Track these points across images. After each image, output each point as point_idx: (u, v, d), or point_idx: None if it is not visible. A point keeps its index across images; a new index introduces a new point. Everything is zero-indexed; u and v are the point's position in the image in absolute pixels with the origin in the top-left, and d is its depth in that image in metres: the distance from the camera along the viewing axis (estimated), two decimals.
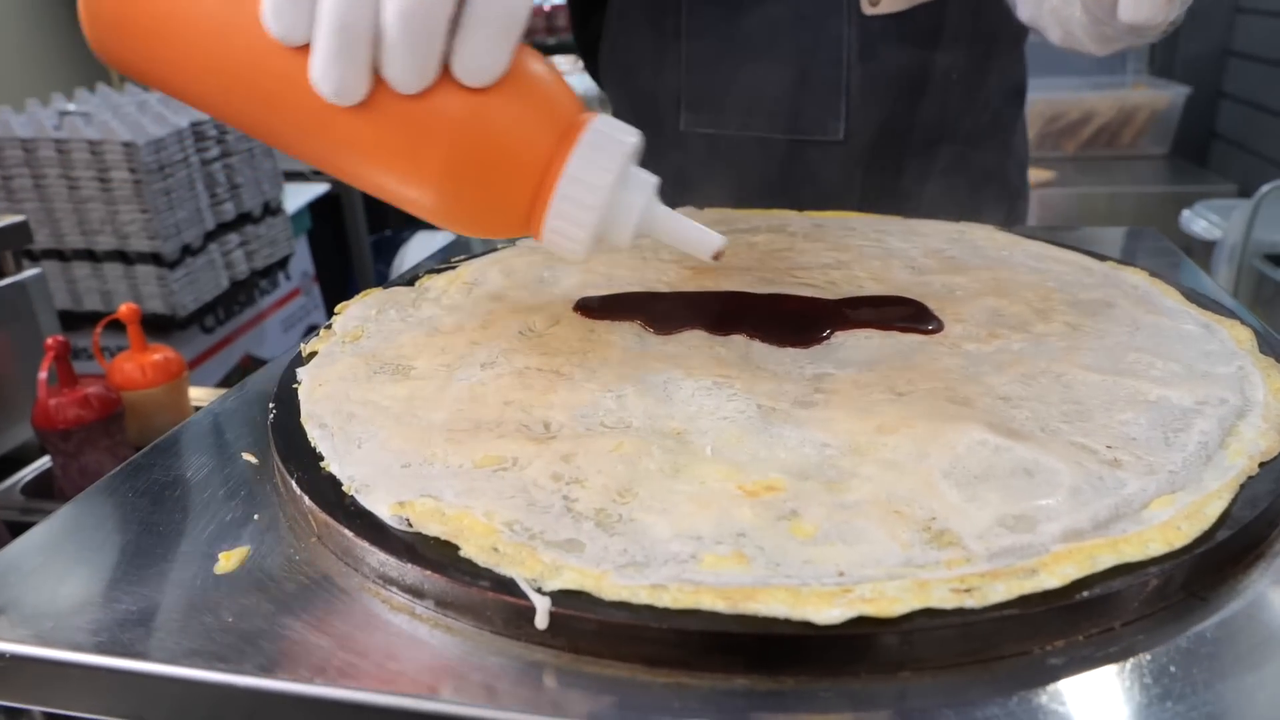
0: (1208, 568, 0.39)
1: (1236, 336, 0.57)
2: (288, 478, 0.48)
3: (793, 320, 0.60)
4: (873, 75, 0.92)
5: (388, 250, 2.83)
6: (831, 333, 0.58)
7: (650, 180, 0.53)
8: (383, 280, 2.68)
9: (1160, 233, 0.94)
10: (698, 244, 0.54)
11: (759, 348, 0.58)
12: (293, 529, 0.47)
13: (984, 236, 0.78)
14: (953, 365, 0.54)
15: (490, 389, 0.54)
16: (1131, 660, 0.35)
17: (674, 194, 0.99)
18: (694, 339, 0.59)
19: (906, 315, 0.60)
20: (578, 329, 0.61)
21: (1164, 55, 2.80)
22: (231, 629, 0.40)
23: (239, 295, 2.13)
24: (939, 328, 0.58)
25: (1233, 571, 0.40)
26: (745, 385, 0.52)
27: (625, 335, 0.60)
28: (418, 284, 0.74)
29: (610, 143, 0.49)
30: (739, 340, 0.58)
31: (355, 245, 2.65)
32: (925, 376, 0.52)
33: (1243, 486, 0.42)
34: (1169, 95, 2.50)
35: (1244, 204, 1.77)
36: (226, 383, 2.11)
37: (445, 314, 0.66)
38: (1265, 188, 1.70)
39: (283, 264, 2.30)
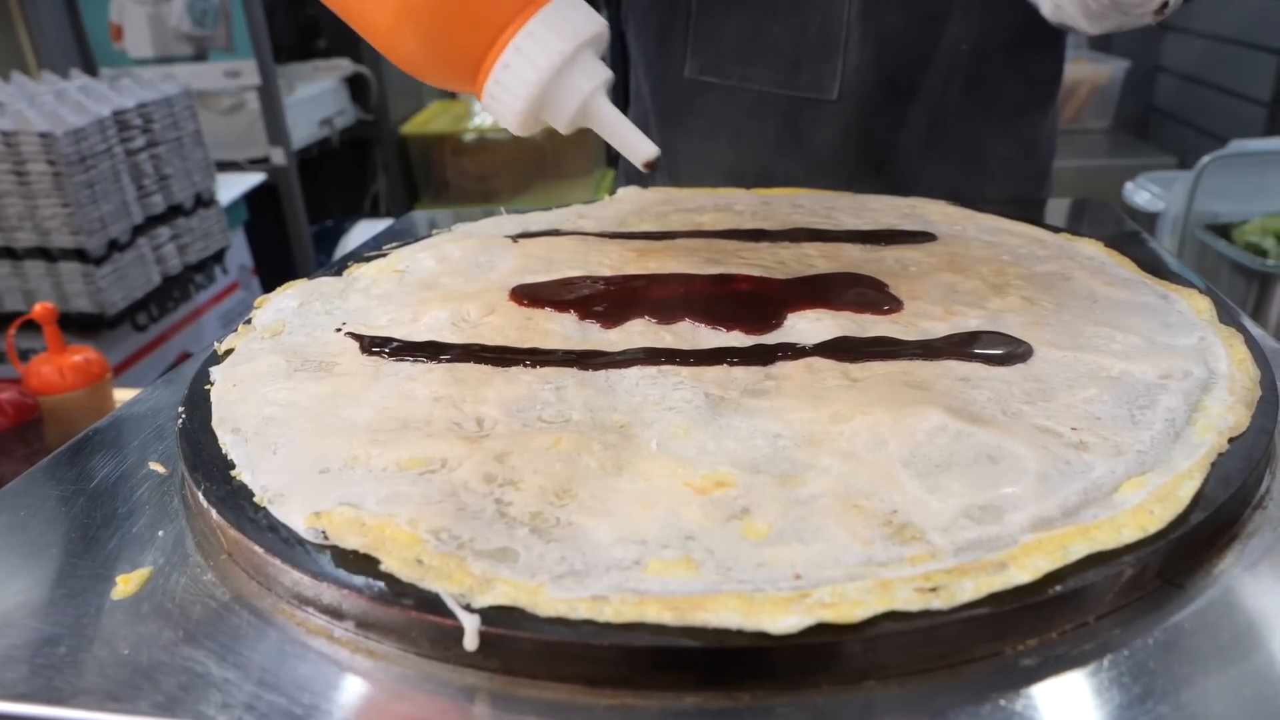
0: (1183, 553, 0.36)
1: (1195, 306, 0.55)
2: (195, 489, 0.44)
3: (742, 303, 0.57)
4: (872, 36, 0.88)
5: (329, 241, 2.74)
6: (783, 316, 0.55)
7: (603, 73, 0.53)
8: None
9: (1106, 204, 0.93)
10: (634, 147, 0.55)
11: (707, 333, 0.54)
12: (201, 546, 0.43)
13: (936, 211, 0.75)
14: (909, 345, 0.51)
15: (419, 384, 0.50)
16: (1109, 657, 0.33)
17: (674, 140, 0.96)
18: (638, 325, 0.56)
19: (862, 294, 0.58)
20: (514, 318, 0.57)
21: None
22: (127, 662, 0.36)
23: (172, 291, 2.05)
24: (896, 306, 0.56)
25: (1207, 556, 0.38)
26: (692, 373, 0.49)
27: (565, 323, 0.56)
28: (346, 273, 0.70)
29: (568, 24, 0.51)
30: (685, 325, 0.55)
31: (295, 236, 2.57)
32: (881, 358, 0.49)
33: (1214, 464, 0.40)
34: (1109, 69, 2.52)
35: (1185, 176, 1.78)
36: None
37: (374, 305, 0.62)
38: (1205, 159, 1.71)
39: (218, 257, 2.21)
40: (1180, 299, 0.57)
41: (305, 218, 2.57)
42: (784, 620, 0.31)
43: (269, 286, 2.34)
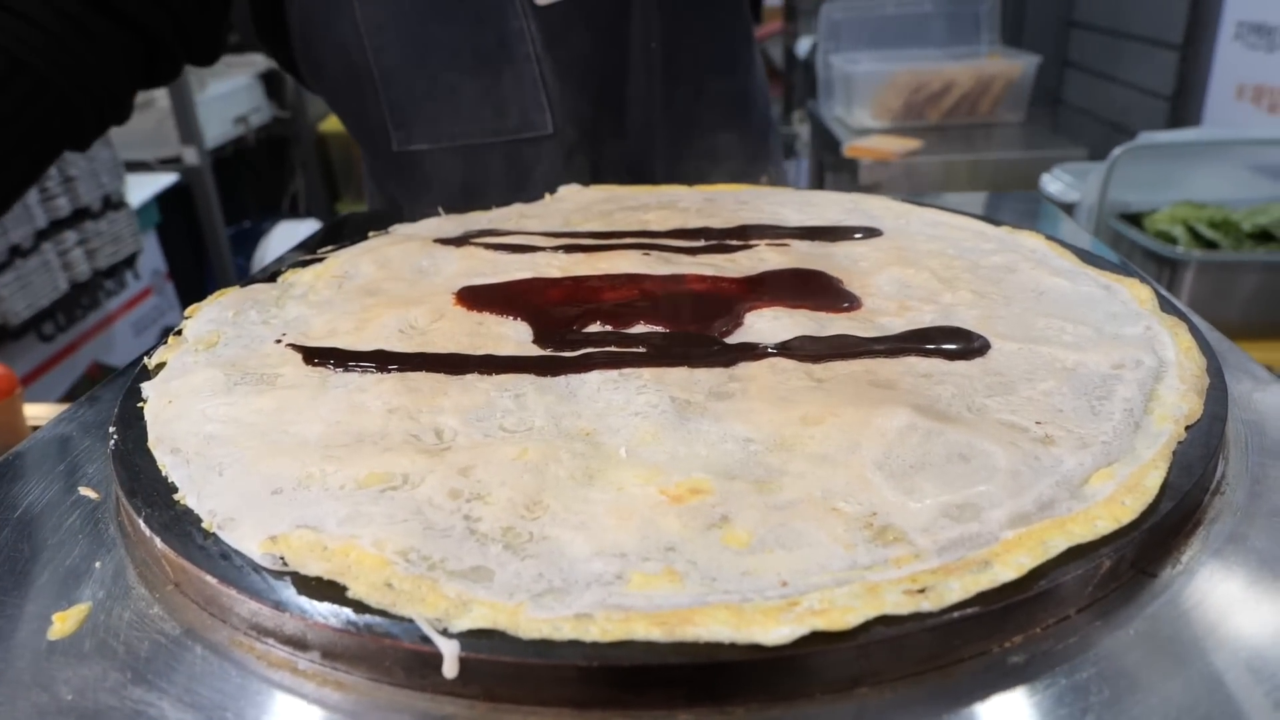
0: (1155, 542, 0.37)
1: (1137, 296, 0.57)
2: (134, 516, 0.41)
3: (699, 303, 0.57)
4: (564, 63, 0.90)
5: (247, 243, 2.65)
6: (741, 316, 0.55)
7: None
8: (244, 276, 2.53)
9: (1021, 193, 0.97)
10: None
11: (665, 334, 0.53)
12: (144, 577, 0.40)
13: (879, 206, 0.76)
14: (870, 343, 0.51)
15: (371, 395, 0.48)
16: (1093, 650, 0.33)
17: (410, 206, 0.93)
18: (594, 327, 0.54)
19: (819, 293, 0.57)
20: (464, 323, 0.55)
21: (1014, 25, 2.90)
22: (71, 709, 0.33)
23: (81, 298, 1.95)
24: (855, 304, 0.56)
25: (1176, 543, 0.38)
26: (654, 375, 0.48)
27: (518, 327, 0.55)
28: (281, 279, 0.66)
29: None
30: (642, 326, 0.54)
31: (211, 239, 2.47)
32: (843, 357, 0.49)
33: (1174, 453, 0.40)
34: (1021, 64, 2.59)
35: (1098, 167, 1.84)
36: (73, 395, 1.93)
37: (314, 313, 0.59)
38: (1117, 151, 1.77)
39: (130, 262, 2.12)
40: (1123, 289, 0.58)
41: (221, 219, 2.48)
42: (776, 631, 0.31)
43: (184, 291, 2.25)
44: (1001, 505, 0.37)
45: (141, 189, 2.17)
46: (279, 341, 0.55)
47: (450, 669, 0.31)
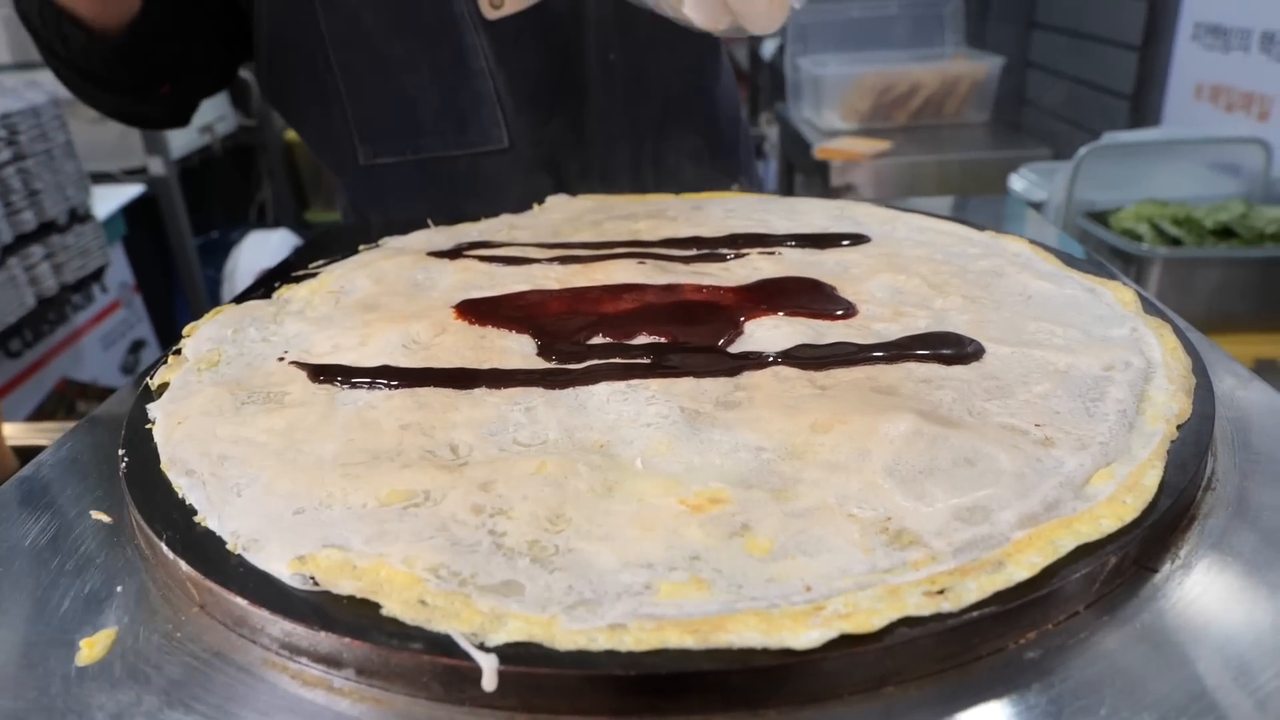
0: (1155, 538, 0.39)
1: (1121, 299, 0.59)
2: (154, 539, 0.41)
3: (699, 313, 0.58)
4: (518, 78, 0.91)
5: (216, 253, 2.62)
6: (742, 324, 0.56)
7: None
8: (213, 286, 2.48)
9: (990, 196, 0.98)
10: None
11: (668, 344, 0.54)
12: (167, 600, 0.40)
13: (864, 212, 0.78)
14: (869, 349, 0.52)
15: (382, 412, 0.48)
16: (1103, 644, 0.34)
17: (375, 218, 0.97)
18: (597, 339, 0.55)
19: (816, 300, 0.59)
20: (467, 337, 0.56)
21: (977, 26, 2.96)
22: None
23: (48, 314, 1.92)
24: (851, 311, 0.57)
25: (1173, 539, 0.40)
26: (662, 386, 0.49)
27: (522, 340, 0.56)
28: (276, 295, 0.67)
29: None
30: (645, 337, 0.55)
31: (179, 250, 2.44)
32: (844, 364, 0.51)
33: (1169, 451, 0.42)
34: (986, 65, 2.63)
35: (1064, 166, 1.88)
36: (42, 413, 1.90)
37: (314, 330, 0.59)
38: (1083, 150, 1.81)
39: (97, 276, 2.08)
40: (1107, 291, 0.60)
41: (189, 230, 2.45)
42: (806, 635, 0.32)
43: (152, 304, 2.22)
44: (1010, 507, 0.38)
45: (107, 201, 2.13)
46: (282, 359, 0.55)
47: (489, 682, 0.32)
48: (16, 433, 1.39)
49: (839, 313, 0.57)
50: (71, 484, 0.51)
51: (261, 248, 2.35)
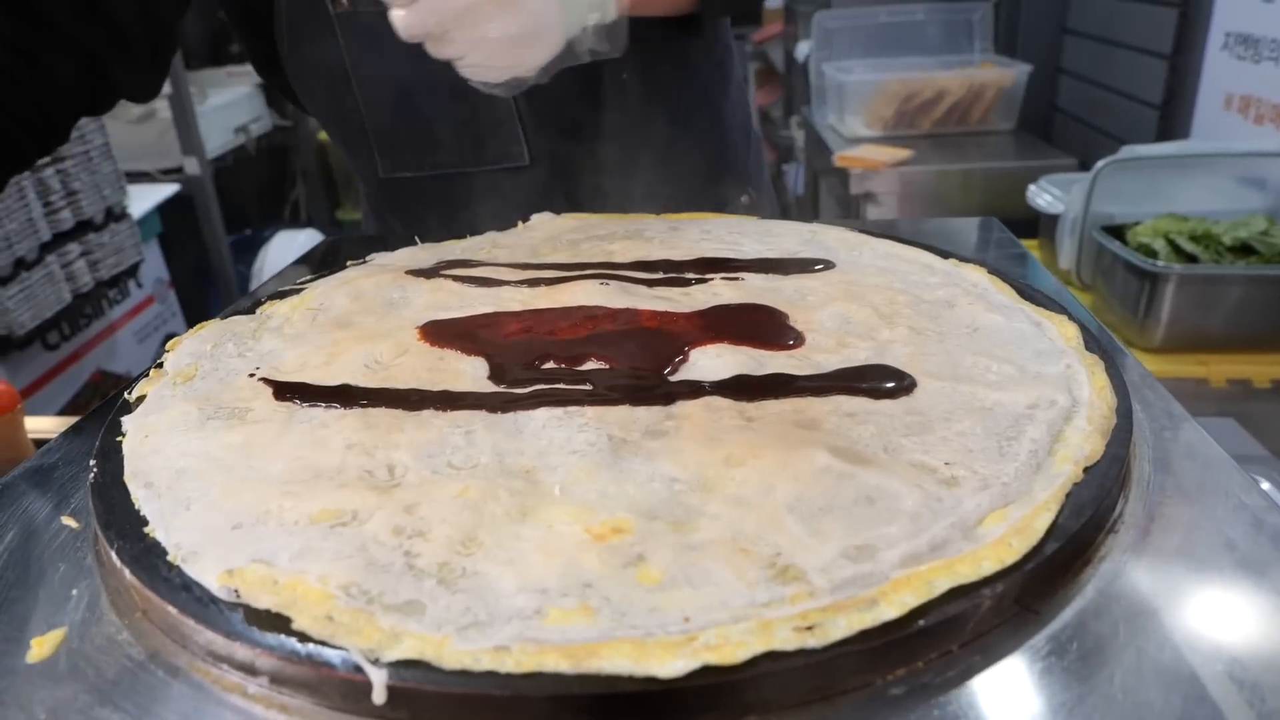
0: (1037, 581, 0.40)
1: (1064, 333, 0.60)
2: (108, 547, 0.44)
3: (647, 341, 0.60)
4: (539, 96, 0.93)
5: (249, 251, 2.69)
6: (687, 352, 0.58)
7: None
8: (245, 283, 2.54)
9: (1009, 212, 0.98)
10: None
11: (613, 371, 0.57)
12: (115, 605, 0.43)
13: (835, 237, 0.79)
14: (802, 381, 0.54)
15: (332, 431, 0.51)
16: (970, 684, 0.36)
17: (396, 228, 1.00)
18: (548, 366, 0.58)
19: (764, 330, 0.60)
20: (426, 359, 0.59)
21: (1007, 33, 2.93)
22: None
23: (84, 308, 1.99)
24: (799, 341, 0.59)
25: (1064, 580, 0.41)
26: (597, 413, 0.51)
27: (476, 364, 0.58)
28: (260, 311, 0.70)
29: None
30: (592, 364, 0.57)
31: (212, 247, 2.51)
32: (776, 396, 0.52)
33: (1069, 494, 0.43)
34: (1014, 72, 2.61)
35: (1083, 178, 1.86)
36: (77, 403, 1.97)
37: (287, 347, 0.62)
38: (1101, 163, 1.79)
39: (132, 272, 2.16)
40: (1051, 325, 0.61)
41: (222, 228, 2.52)
42: (672, 664, 0.34)
43: (186, 299, 2.28)
44: (897, 546, 0.40)
45: (143, 199, 2.21)
46: (252, 375, 0.59)
47: (379, 696, 0.35)
48: (46, 426, 1.45)
49: (787, 342, 0.59)
50: (59, 484, 0.55)
51: (288, 247, 2.41)
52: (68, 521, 0.51)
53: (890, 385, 0.53)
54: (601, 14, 0.74)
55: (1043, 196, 1.94)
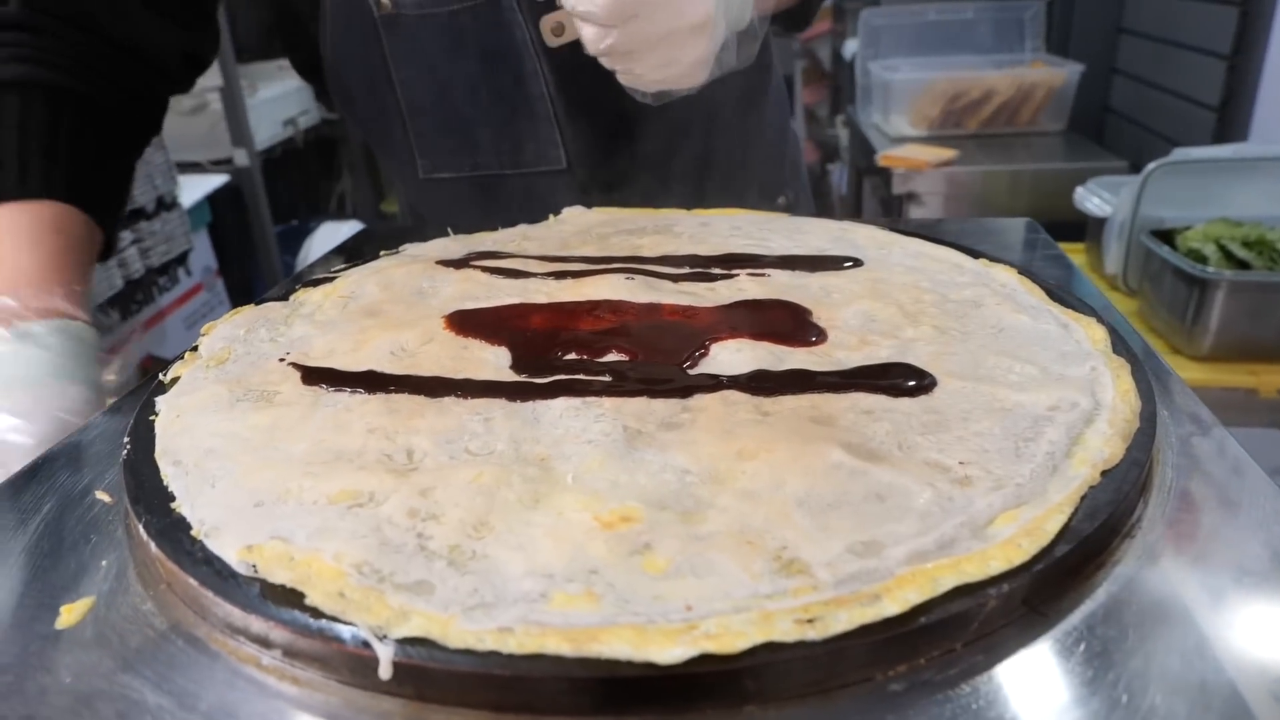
0: (1046, 583, 0.40)
1: (1092, 336, 0.59)
2: (136, 521, 0.46)
3: (669, 334, 0.60)
4: (578, 101, 0.94)
5: (295, 241, 2.75)
6: (708, 346, 0.58)
7: None
8: (289, 272, 2.61)
9: (1056, 215, 0.96)
10: None
11: (634, 363, 0.57)
12: (141, 576, 0.45)
13: (864, 235, 0.79)
14: (821, 378, 0.54)
15: (355, 415, 0.53)
16: (971, 682, 0.36)
17: (433, 228, 0.99)
18: (570, 356, 0.58)
19: (787, 326, 0.60)
20: (450, 347, 0.60)
21: (1060, 32, 2.87)
22: (68, 690, 0.38)
23: (135, 295, 2.05)
24: (821, 338, 0.59)
25: (1074, 584, 0.41)
26: (614, 405, 0.52)
27: (499, 353, 0.59)
28: (293, 298, 0.72)
29: None
30: (614, 355, 0.58)
31: (260, 237, 2.57)
32: (793, 391, 0.52)
33: (1084, 498, 0.43)
34: (1065, 72, 2.56)
35: (1133, 181, 1.82)
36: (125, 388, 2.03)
37: (318, 333, 0.64)
38: (1151, 165, 1.75)
39: (182, 260, 2.21)
40: (1079, 327, 0.60)
41: (270, 218, 2.57)
42: (670, 651, 0.34)
43: (233, 288, 2.33)
44: (904, 543, 0.40)
45: (194, 189, 2.26)
46: (282, 360, 0.60)
47: (385, 671, 0.35)
48: None
49: (810, 339, 0.59)
50: (89, 464, 0.57)
51: (332, 238, 2.45)
52: (101, 496, 0.52)
53: (910, 384, 0.53)
54: (740, 22, 0.75)
55: (1091, 199, 1.90)
